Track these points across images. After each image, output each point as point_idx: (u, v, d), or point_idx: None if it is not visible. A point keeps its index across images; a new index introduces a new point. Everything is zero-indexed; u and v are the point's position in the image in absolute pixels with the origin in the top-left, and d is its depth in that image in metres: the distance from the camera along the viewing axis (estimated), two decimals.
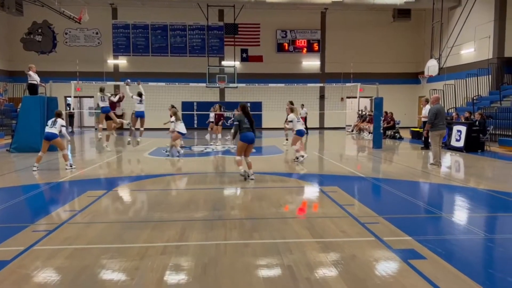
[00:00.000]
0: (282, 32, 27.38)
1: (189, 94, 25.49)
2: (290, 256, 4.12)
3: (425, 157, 12.64)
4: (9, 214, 5.95)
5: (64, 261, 3.98)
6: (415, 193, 7.78)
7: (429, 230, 5.24)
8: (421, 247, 4.34)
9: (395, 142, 17.76)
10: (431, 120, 10.22)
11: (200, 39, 26.94)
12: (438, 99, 10.70)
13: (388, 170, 10.41)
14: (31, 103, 13.41)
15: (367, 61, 27.04)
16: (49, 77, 15.68)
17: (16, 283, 3.46)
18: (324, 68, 27.81)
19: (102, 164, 10.92)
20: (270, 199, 6.74)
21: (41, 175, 9.22)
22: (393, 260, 4.04)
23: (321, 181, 8.75)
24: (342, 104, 27.59)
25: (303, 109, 22.49)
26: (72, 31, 26.35)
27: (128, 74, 26.21)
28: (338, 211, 5.96)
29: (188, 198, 6.98)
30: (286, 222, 5.44)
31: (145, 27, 26.69)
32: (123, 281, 3.55)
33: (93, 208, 6.10)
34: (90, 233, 4.91)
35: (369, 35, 27.29)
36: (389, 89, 24.73)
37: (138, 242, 4.55)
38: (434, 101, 10.60)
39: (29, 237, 4.70)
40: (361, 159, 13.06)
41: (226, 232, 4.94)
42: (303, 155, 11.30)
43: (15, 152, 12.95)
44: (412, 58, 27.58)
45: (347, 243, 4.54)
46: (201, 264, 3.91)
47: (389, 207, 6.44)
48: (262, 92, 25.00)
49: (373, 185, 8.25)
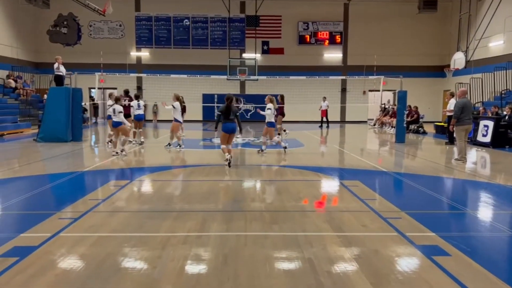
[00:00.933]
0: (304, 24, 27.12)
1: (210, 87, 25.59)
2: (310, 249, 4.10)
3: (449, 152, 12.37)
4: (36, 201, 6.12)
5: (89, 248, 4.08)
6: (439, 188, 7.63)
7: (453, 227, 5.13)
8: (445, 244, 4.25)
9: (419, 137, 17.42)
10: (456, 115, 9.93)
11: (222, 32, 26.96)
12: (464, 92, 10.37)
13: (411, 164, 10.23)
14: (57, 94, 13.71)
15: (390, 54, 26.53)
16: (73, 68, 16.00)
17: (43, 268, 3.56)
18: (346, 60, 27.44)
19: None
20: (290, 192, 6.72)
21: (67, 164, 9.44)
22: (416, 256, 3.98)
23: (342, 175, 8.67)
24: (364, 97, 27.22)
25: (325, 102, 22.32)
26: (97, 23, 26.76)
27: (150, 66, 26.53)
28: (360, 205, 5.90)
29: (208, 190, 7.03)
30: (306, 215, 5.42)
31: (168, 19, 26.87)
32: (145, 269, 3.61)
33: (116, 197, 6.22)
34: (113, 222, 5.01)
35: (393, 27, 26.76)
36: (413, 83, 24.24)
37: (160, 232, 4.62)
38: (461, 95, 10.29)
39: (56, 224, 4.83)
40: (383, 153, 12.88)
41: (246, 223, 4.96)
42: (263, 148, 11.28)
43: (41, 141, 13.30)
44: (438, 51, 26.91)
45: (369, 237, 4.49)
46: (222, 255, 3.93)
47: (412, 202, 6.33)
48: (283, 84, 24.88)
49: (396, 180, 8.13)
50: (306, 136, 17.14)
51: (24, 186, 7.15)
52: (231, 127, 9.03)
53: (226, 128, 9.04)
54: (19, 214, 5.46)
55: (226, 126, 9.03)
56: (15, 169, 8.87)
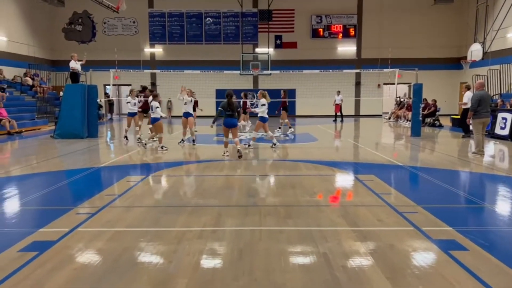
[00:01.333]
0: (317, 18, 26.89)
1: (223, 82, 25.62)
2: (325, 243, 4.09)
3: (466, 145, 12.16)
4: (54, 197, 6.24)
5: (106, 243, 4.14)
6: (456, 182, 7.52)
7: (471, 221, 5.06)
8: (462, 238, 4.19)
9: (435, 130, 17.17)
10: (473, 107, 9.72)
11: (234, 26, 26.92)
12: (482, 85, 10.14)
13: (426, 158, 10.10)
14: (73, 91, 13.90)
15: (405, 46, 26.14)
16: (88, 65, 16.18)
17: (62, 263, 3.63)
18: (360, 53, 27.15)
19: (140, 151, 11.20)
20: (304, 186, 6.70)
21: (83, 160, 9.59)
22: (433, 251, 3.93)
23: (357, 169, 8.60)
24: (379, 90, 26.91)
25: (339, 96, 22.16)
26: (110, 20, 26.99)
27: (164, 63, 26.67)
28: (375, 199, 5.85)
29: (223, 184, 7.06)
30: (321, 210, 5.40)
31: (181, 15, 26.94)
32: (161, 264, 3.65)
33: (132, 193, 6.29)
34: (129, 217, 5.07)
35: (408, 18, 26.33)
36: (429, 75, 23.86)
37: (175, 226, 4.66)
38: (478, 87, 10.07)
39: (73, 219, 4.91)
40: (398, 147, 12.73)
41: (261, 218, 4.97)
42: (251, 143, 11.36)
43: (58, 138, 13.52)
44: (454, 43, 26.41)
45: (384, 232, 4.45)
46: (237, 249, 3.95)
47: (428, 196, 6.25)
48: (296, 79, 24.77)
49: (411, 174, 8.03)
50: (320, 131, 17.05)
51: (42, 182, 7.29)
52: (231, 122, 9.62)
53: (227, 123, 9.65)
54: (37, 210, 5.57)
55: (227, 121, 9.63)
56: (33, 165, 9.04)
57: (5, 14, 21.79)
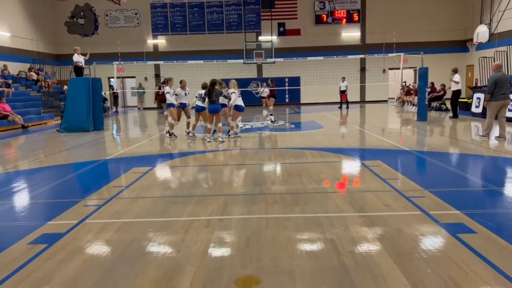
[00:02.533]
0: (320, 3, 26.59)
1: (227, 71, 25.47)
2: (332, 230, 4.09)
3: (472, 128, 12.05)
4: (62, 190, 6.28)
5: (114, 234, 4.17)
6: (463, 165, 7.47)
7: (479, 204, 5.02)
8: (470, 221, 4.17)
9: (441, 114, 17.03)
10: (490, 90, 9.40)
11: (237, 15, 26.70)
12: (499, 66, 9.74)
13: (433, 142, 10.02)
14: (77, 84, 13.91)
15: (410, 30, 25.80)
16: (92, 59, 16.17)
17: (71, 254, 3.67)
18: (364, 39, 26.86)
19: (146, 142, 11.24)
20: (310, 174, 6.69)
21: (90, 153, 9.63)
22: (441, 234, 3.92)
23: (363, 155, 8.56)
24: (384, 76, 26.67)
25: (344, 82, 21.99)
26: (113, 12, 26.88)
27: (167, 54, 26.59)
28: (382, 185, 5.83)
29: (229, 174, 7.07)
30: (328, 196, 5.39)
31: (182, 5, 26.75)
32: (170, 253, 3.67)
33: (139, 184, 6.32)
34: (137, 208, 5.10)
35: (413, 2, 25.95)
36: (435, 59, 23.60)
37: (182, 216, 4.68)
38: (495, 69, 9.71)
39: (81, 211, 4.95)
40: (404, 132, 12.65)
41: (268, 206, 4.97)
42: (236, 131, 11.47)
43: (64, 132, 13.58)
44: (459, 25, 26.02)
45: (392, 217, 4.44)
46: (244, 237, 3.96)
47: (435, 180, 6.22)
48: (300, 66, 24.60)
49: (418, 159, 7.98)
50: (325, 118, 16.97)
51: (50, 175, 7.34)
52: (213, 107, 10.29)
53: (210, 109, 10.39)
54: (46, 203, 5.62)
55: (210, 107, 10.34)
56: (41, 159, 9.10)
57: (8, 9, 21.78)
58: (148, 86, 27.17)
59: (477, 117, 14.83)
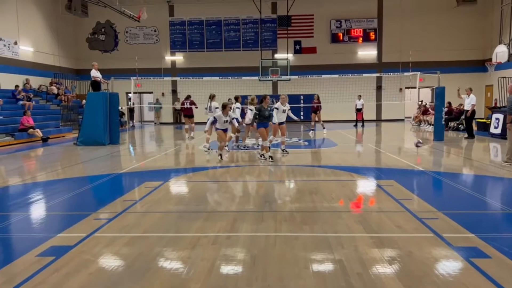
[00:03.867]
0: (336, 22, 26.73)
1: (242, 88, 25.62)
2: (341, 250, 4.01)
3: (490, 150, 11.78)
4: (74, 202, 6.35)
5: (122, 248, 4.17)
6: (479, 188, 7.28)
7: (495, 228, 4.87)
8: (485, 245, 4.04)
9: (459, 134, 16.74)
10: (510, 111, 9.13)
11: (253, 33, 27.04)
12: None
13: (449, 163, 9.83)
14: (95, 99, 14.19)
15: (427, 49, 25.66)
16: (111, 74, 16.51)
17: (78, 267, 3.68)
18: (381, 57, 26.81)
19: (160, 157, 11.32)
20: (322, 192, 6.61)
21: (104, 166, 9.74)
22: (454, 258, 3.80)
23: (377, 174, 8.44)
24: (400, 94, 26.47)
25: (360, 100, 21.89)
26: (132, 29, 27.53)
27: (184, 70, 26.99)
28: (394, 205, 5.71)
29: (240, 190, 7.05)
30: (339, 216, 5.30)
31: (200, 23, 27.25)
32: (176, 269, 3.65)
33: (150, 198, 6.34)
34: (146, 222, 5.11)
35: (430, 21, 25.86)
36: (453, 78, 23.30)
37: (190, 232, 4.66)
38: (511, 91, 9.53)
39: (91, 224, 4.98)
40: (420, 152, 12.45)
41: (276, 224, 4.92)
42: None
43: (81, 145, 13.81)
44: (478, 45, 25.77)
45: (403, 239, 4.33)
46: (251, 255, 3.92)
47: (450, 202, 6.08)
48: (315, 83, 24.59)
49: (433, 179, 7.83)
50: (340, 135, 16.87)
51: (64, 188, 7.44)
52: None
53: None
54: (57, 215, 5.68)
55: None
56: (58, 171, 9.25)
57: (31, 26, 22.52)
58: (165, 101, 27.54)
59: (495, 138, 14.53)
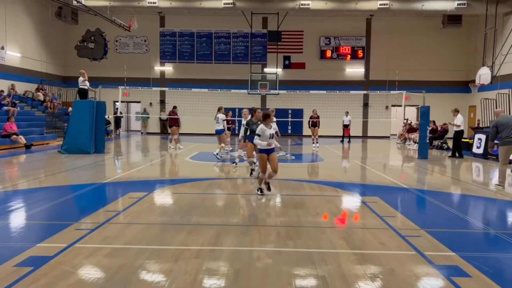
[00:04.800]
0: (325, 39, 27.14)
1: (232, 101, 25.71)
2: (324, 266, 4.01)
3: (473, 169, 11.99)
4: (55, 212, 6.24)
5: (102, 259, 4.10)
6: (462, 206, 7.39)
7: (476, 247, 4.93)
8: (466, 264, 4.08)
9: (442, 153, 17.01)
10: (492, 136, 8.91)
11: (244, 47, 27.26)
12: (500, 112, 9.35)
13: (432, 181, 9.97)
14: (81, 107, 14.06)
15: (413, 69, 26.19)
16: (99, 82, 16.42)
17: (56, 278, 3.60)
18: (368, 75, 27.24)
19: (145, 167, 11.23)
20: (307, 207, 6.63)
21: (88, 176, 9.61)
22: (435, 277, 3.83)
23: (361, 191, 8.50)
24: (386, 112, 26.86)
25: (347, 117, 22.13)
26: (122, 38, 27.49)
27: (173, 81, 26.98)
28: (378, 222, 5.75)
29: (225, 203, 7.02)
30: (323, 231, 5.31)
31: (191, 34, 27.38)
32: (157, 282, 3.59)
33: (133, 209, 6.27)
34: (129, 234, 5.03)
35: (417, 42, 26.46)
36: (437, 98, 23.82)
37: (173, 245, 4.61)
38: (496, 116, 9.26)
39: (72, 235, 4.89)
40: (404, 169, 12.61)
41: (261, 238, 4.90)
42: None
43: (65, 153, 13.61)
44: (462, 66, 26.41)
45: (386, 256, 4.36)
46: (234, 269, 3.89)
47: (432, 220, 6.14)
48: (304, 98, 24.83)
49: (416, 197, 7.92)
50: (326, 151, 16.98)
51: (46, 196, 7.30)
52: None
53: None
54: (38, 224, 5.56)
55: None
56: (40, 179, 9.09)
57: (20, 31, 22.32)
58: (153, 111, 27.44)
59: (478, 158, 14.81)
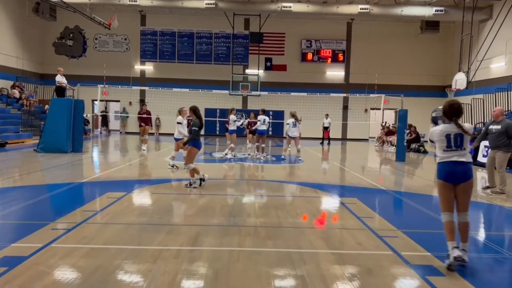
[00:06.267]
0: (307, 42, 27.39)
1: (213, 101, 25.68)
2: (303, 266, 4.05)
3: None
4: (31, 211, 6.10)
5: (79, 260, 4.03)
6: (437, 208, 7.53)
7: None
8: (440, 264, 4.19)
9: (419, 156, 17.37)
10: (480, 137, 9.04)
11: (225, 47, 27.24)
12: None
13: (409, 183, 10.17)
14: (59, 105, 13.78)
15: (392, 73, 26.72)
16: (77, 80, 16.11)
17: (31, 279, 3.52)
18: (348, 78, 27.62)
19: (124, 167, 11.08)
20: (287, 208, 6.67)
21: (65, 175, 9.43)
22: (410, 276, 3.92)
23: (340, 192, 8.61)
24: (365, 115, 27.27)
25: (327, 119, 22.37)
26: (102, 36, 27.09)
27: (154, 80, 26.74)
28: (356, 223, 5.84)
29: (205, 204, 6.99)
30: (302, 231, 5.36)
31: (172, 34, 27.19)
32: (135, 283, 3.56)
33: (111, 209, 6.18)
34: (107, 234, 4.97)
35: (396, 46, 27.00)
36: (415, 102, 24.29)
37: (152, 245, 4.57)
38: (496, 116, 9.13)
39: (48, 234, 4.79)
40: (382, 171, 12.82)
41: (240, 238, 4.91)
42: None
43: (41, 152, 13.31)
44: (439, 71, 27.07)
45: (363, 256, 4.43)
46: (213, 270, 3.88)
47: (409, 221, 6.28)
48: (284, 100, 24.95)
49: (394, 198, 8.07)
50: (306, 152, 17.10)
51: (21, 195, 7.13)
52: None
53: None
54: (12, 224, 5.42)
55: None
56: (15, 178, 8.86)
57: None
58: (132, 110, 27.09)
59: None
